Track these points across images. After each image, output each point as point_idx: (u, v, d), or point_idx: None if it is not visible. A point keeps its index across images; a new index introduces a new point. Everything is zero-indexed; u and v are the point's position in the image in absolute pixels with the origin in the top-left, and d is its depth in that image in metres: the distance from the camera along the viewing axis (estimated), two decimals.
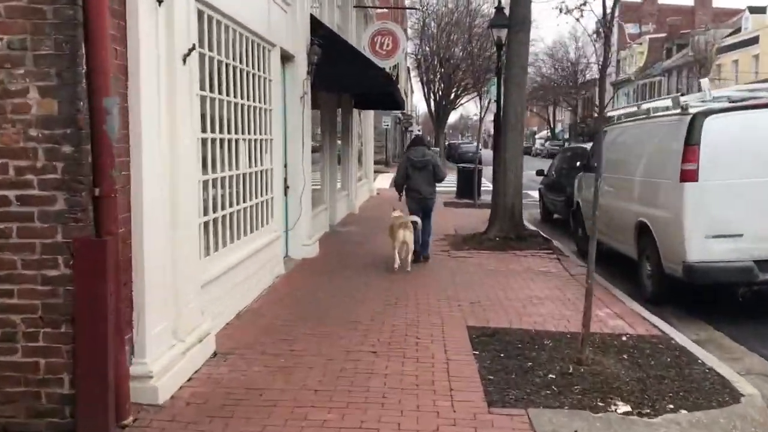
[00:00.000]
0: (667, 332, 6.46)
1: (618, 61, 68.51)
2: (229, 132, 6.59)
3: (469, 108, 71.80)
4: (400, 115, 46.65)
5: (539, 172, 16.51)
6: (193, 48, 4.98)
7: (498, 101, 15.87)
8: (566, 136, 74.96)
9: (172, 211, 4.82)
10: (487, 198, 19.76)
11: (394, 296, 7.59)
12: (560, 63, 68.39)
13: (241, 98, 7.01)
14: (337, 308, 7.01)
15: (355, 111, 17.08)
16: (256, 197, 7.61)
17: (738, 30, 45.55)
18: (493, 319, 6.72)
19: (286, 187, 9.43)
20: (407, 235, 8.98)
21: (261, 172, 7.84)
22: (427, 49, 43.60)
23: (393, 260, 9.06)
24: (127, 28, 4.22)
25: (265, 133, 8.01)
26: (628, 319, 6.87)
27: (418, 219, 9.36)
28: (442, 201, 18.83)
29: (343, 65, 10.34)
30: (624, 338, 6.21)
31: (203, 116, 5.86)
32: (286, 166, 9.41)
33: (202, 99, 5.82)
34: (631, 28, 68.89)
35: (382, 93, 12.51)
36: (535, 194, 17.87)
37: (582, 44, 70.37)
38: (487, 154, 30.15)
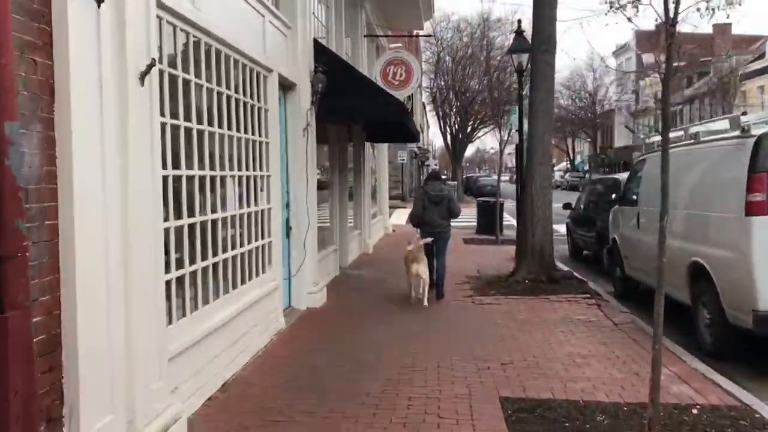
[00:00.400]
0: (745, 401, 5.25)
1: (636, 92, 67.64)
2: (212, 168, 5.60)
3: (485, 141, 70.98)
4: (416, 149, 45.86)
5: (566, 206, 15.36)
6: (153, 64, 4.00)
7: (520, 131, 14.89)
8: (586, 167, 73.80)
9: (125, 268, 3.79)
10: (509, 233, 18.68)
11: (411, 356, 6.47)
12: (577, 94, 67.56)
13: (229, 129, 6.03)
14: (342, 375, 5.89)
15: (368, 145, 16.15)
16: (249, 243, 6.59)
17: (762, 56, 44.42)
18: (531, 386, 5.57)
19: (289, 229, 8.42)
20: (422, 269, 8.86)
21: (255, 213, 6.83)
22: (443, 82, 43.03)
23: (409, 295, 9.10)
24: (54, 35, 3.25)
25: (261, 169, 7.02)
26: (693, 383, 5.67)
27: (429, 239, 9.20)
28: (461, 238, 17.79)
29: (352, 94, 9.39)
30: (695, 411, 5.03)
31: (175, 150, 4.87)
32: (288, 205, 8.41)
33: (174, 129, 4.83)
34: (648, 57, 67.98)
35: (396, 123, 11.54)
36: (562, 228, 16.72)
37: (600, 74, 69.70)
38: (505, 187, 29.10)
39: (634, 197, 10.09)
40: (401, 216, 28.28)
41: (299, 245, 8.47)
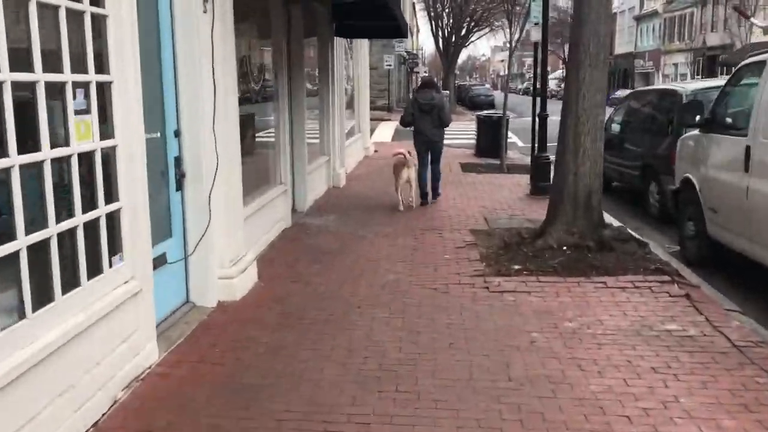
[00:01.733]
0: None
1: None
2: None
3: (479, 46, 66.14)
4: (404, 53, 41.51)
5: None
6: None
7: (545, 23, 11.20)
8: None
9: None
10: (512, 156, 15.30)
11: None
12: None
13: None
14: None
15: (341, 42, 12.40)
16: (41, 225, 3.15)
17: None
18: None
19: (181, 176, 4.97)
20: (411, 174, 9.04)
21: (64, 161, 3.35)
22: None
23: (398, 203, 9.15)
24: None
25: (82, 70, 3.48)
26: None
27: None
28: (458, 162, 14.42)
29: None
30: None
31: None
32: (177, 134, 4.93)
33: None
34: None
35: (376, 8, 7.91)
36: None
37: None
38: (501, 97, 25.43)
39: (730, 120, 6.69)
40: (387, 130, 24.65)
41: (201, 202, 5.05)
